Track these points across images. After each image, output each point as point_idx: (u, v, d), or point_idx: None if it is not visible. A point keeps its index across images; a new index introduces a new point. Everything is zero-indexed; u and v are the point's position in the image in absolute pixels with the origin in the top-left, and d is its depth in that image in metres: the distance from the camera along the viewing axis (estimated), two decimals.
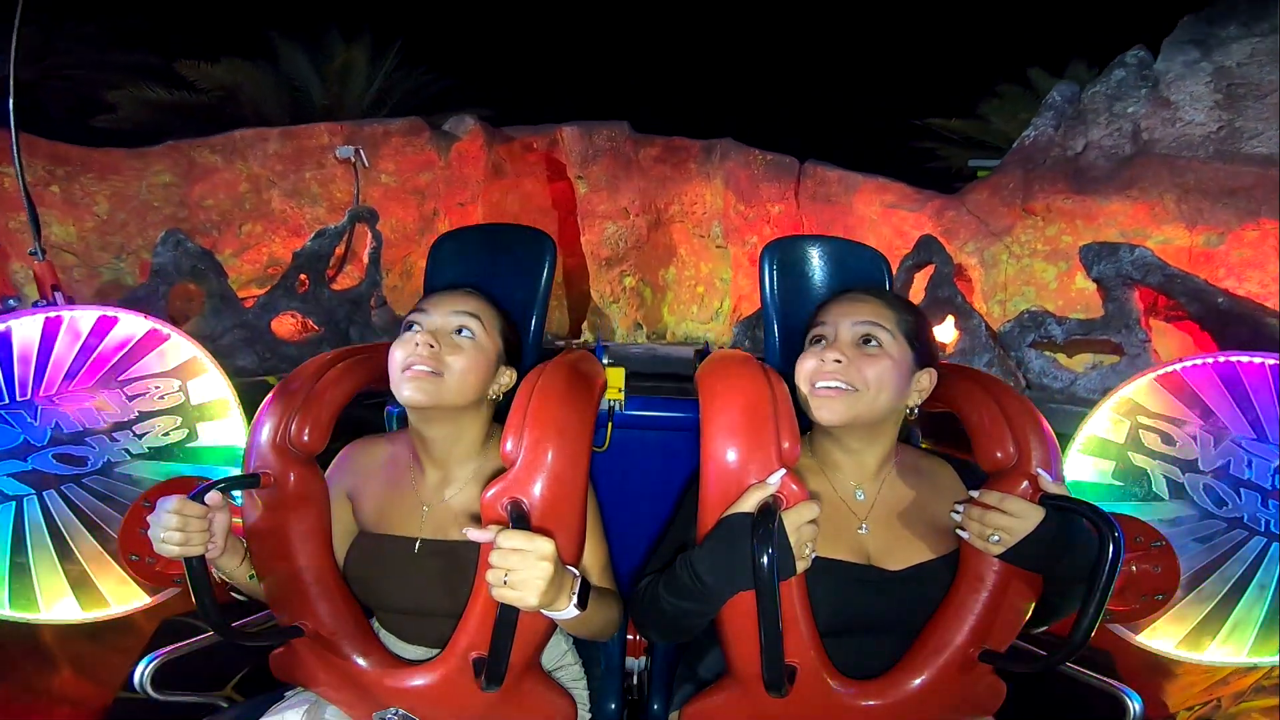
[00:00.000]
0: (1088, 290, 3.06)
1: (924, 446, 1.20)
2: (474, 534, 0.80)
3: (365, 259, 3.28)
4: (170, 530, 0.85)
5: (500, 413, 0.99)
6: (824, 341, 0.96)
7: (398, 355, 0.95)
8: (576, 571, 0.86)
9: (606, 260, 4.75)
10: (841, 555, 0.94)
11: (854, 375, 0.91)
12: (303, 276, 2.95)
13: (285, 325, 3.05)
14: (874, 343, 0.94)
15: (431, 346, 0.94)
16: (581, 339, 4.67)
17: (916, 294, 3.31)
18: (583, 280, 4.93)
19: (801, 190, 4.43)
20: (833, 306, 0.99)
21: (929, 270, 3.25)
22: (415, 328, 0.97)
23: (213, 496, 0.89)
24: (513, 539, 0.77)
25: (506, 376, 1.03)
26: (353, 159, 3.45)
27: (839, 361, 0.92)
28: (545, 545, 0.77)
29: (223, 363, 1.82)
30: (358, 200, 3.46)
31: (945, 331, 3.24)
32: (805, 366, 0.95)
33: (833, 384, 0.91)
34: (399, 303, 3.81)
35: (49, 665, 1.58)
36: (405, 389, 0.93)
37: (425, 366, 0.93)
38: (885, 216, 3.95)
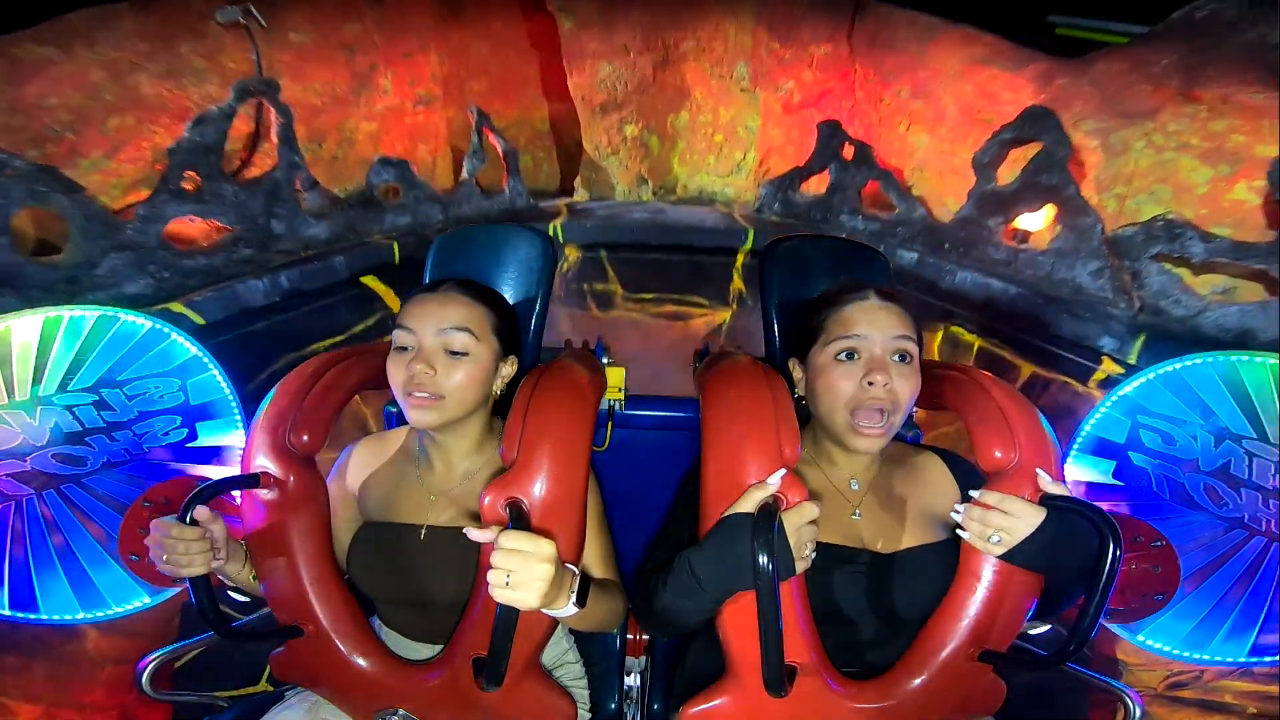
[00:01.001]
0: (1247, 204, 2.36)
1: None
2: (475, 534, 0.80)
3: (274, 139, 2.73)
4: (175, 555, 0.86)
5: (508, 402, 0.98)
6: (857, 356, 0.92)
7: (396, 378, 0.95)
8: (576, 570, 0.86)
9: (601, 106, 3.88)
10: (836, 540, 0.95)
11: (893, 398, 0.90)
12: (189, 173, 2.41)
13: (187, 233, 2.55)
14: (909, 359, 0.92)
15: (429, 372, 0.93)
16: (574, 196, 3.98)
17: (1005, 173, 2.78)
18: (573, 129, 4.10)
19: (857, 31, 3.54)
20: (858, 315, 0.93)
21: (1030, 148, 2.69)
22: (408, 349, 0.95)
23: (202, 513, 0.89)
24: (514, 540, 0.77)
25: (508, 368, 1.03)
26: (241, 20, 2.81)
27: (888, 386, 0.89)
28: (547, 547, 0.77)
29: (110, 296, 1.58)
30: (259, 69, 2.89)
31: (1033, 221, 2.71)
32: (843, 389, 0.91)
33: (878, 410, 0.89)
34: (343, 175, 3.29)
35: (74, 633, 1.60)
36: (412, 415, 0.94)
37: (425, 393, 0.92)
38: (968, 73, 3.16)
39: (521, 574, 0.76)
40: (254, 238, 2.61)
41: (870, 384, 0.89)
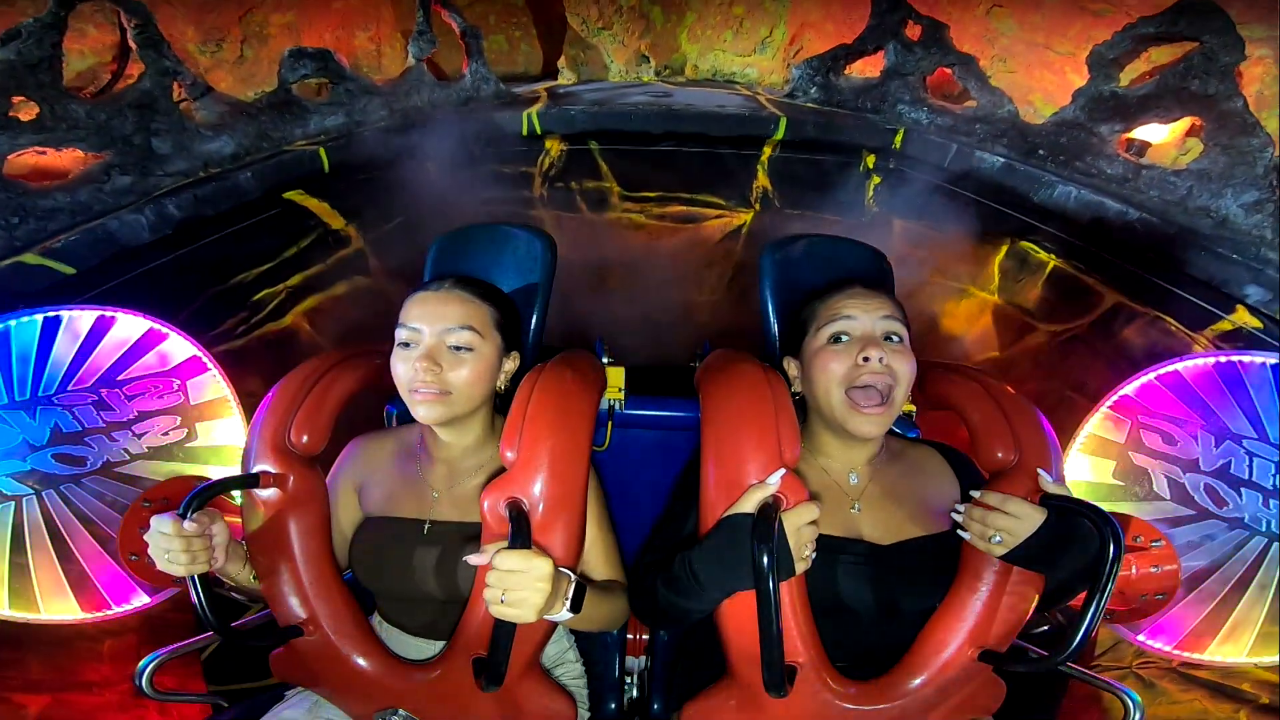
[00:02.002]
0: None
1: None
2: (472, 559, 0.81)
3: (133, 45, 2.31)
4: (175, 552, 0.85)
5: (510, 400, 0.99)
6: (848, 338, 0.94)
7: (401, 375, 0.95)
8: (573, 575, 0.86)
9: None
10: (836, 532, 0.95)
11: (890, 374, 0.90)
12: (16, 100, 2.06)
13: (56, 167, 2.17)
14: (899, 340, 0.93)
15: (433, 370, 0.93)
16: (559, 79, 3.42)
17: (1132, 70, 2.34)
18: (554, 1, 3.48)
19: None
20: (845, 301, 0.95)
21: (1179, 49, 2.21)
22: (412, 345, 0.95)
23: (200, 516, 0.88)
24: (510, 560, 0.77)
25: (510, 363, 1.04)
26: None
27: (883, 360, 0.90)
28: (543, 566, 0.78)
29: None
30: None
31: (1156, 132, 2.27)
32: (835, 369, 0.92)
33: (877, 390, 0.90)
34: (256, 78, 2.93)
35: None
36: (419, 410, 0.95)
37: (432, 390, 0.93)
38: None
39: (517, 592, 0.77)
40: (130, 163, 2.18)
41: (865, 359, 0.90)
